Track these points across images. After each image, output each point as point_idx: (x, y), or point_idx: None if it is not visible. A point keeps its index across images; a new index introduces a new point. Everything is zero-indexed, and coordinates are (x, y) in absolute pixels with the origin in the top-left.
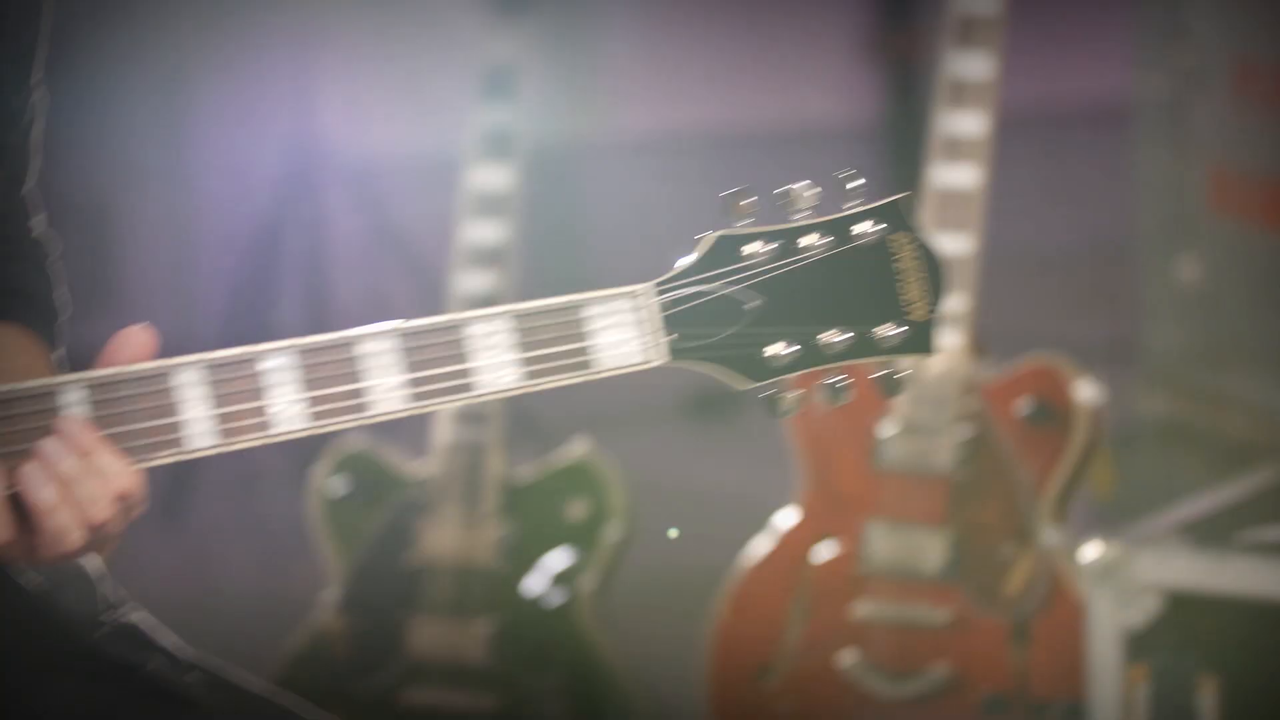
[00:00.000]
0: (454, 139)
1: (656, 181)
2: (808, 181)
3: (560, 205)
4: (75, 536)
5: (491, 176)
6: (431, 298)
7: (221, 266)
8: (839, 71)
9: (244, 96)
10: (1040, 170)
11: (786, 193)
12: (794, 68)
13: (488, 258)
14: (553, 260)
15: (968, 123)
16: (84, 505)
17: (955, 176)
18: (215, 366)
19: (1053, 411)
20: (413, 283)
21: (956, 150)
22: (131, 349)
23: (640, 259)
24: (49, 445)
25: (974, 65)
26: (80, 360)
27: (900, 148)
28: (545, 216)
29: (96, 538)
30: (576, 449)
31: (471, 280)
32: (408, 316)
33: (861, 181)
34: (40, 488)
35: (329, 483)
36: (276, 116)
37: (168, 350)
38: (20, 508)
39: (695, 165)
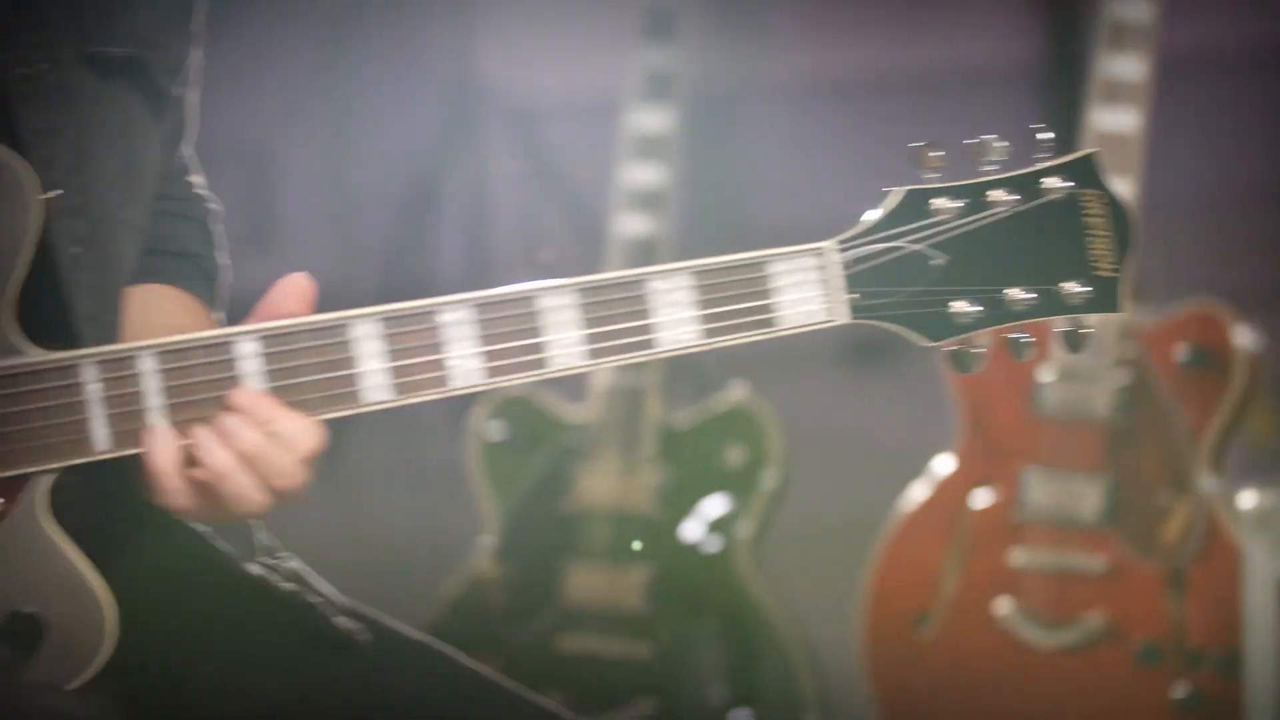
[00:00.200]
0: (615, 81)
1: (816, 126)
2: (996, 135)
3: (720, 149)
4: (257, 501)
5: (652, 119)
6: (591, 241)
7: (380, 212)
8: (999, 14)
9: (404, 40)
10: (1200, 114)
11: (979, 143)
12: (954, 10)
13: (647, 201)
14: (713, 205)
15: (1128, 66)
16: (271, 476)
17: (1115, 120)
18: (392, 319)
19: (1211, 357)
20: (572, 226)
21: (1116, 94)
22: (293, 297)
23: (799, 204)
24: (229, 422)
25: (1134, 8)
26: (239, 305)
27: (1060, 91)
28: (705, 160)
29: (281, 500)
30: (735, 394)
31: (631, 223)
32: (566, 260)
33: (1051, 135)
34: (213, 452)
35: (487, 428)
36: (437, 60)
37: (325, 298)
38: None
39: (854, 109)
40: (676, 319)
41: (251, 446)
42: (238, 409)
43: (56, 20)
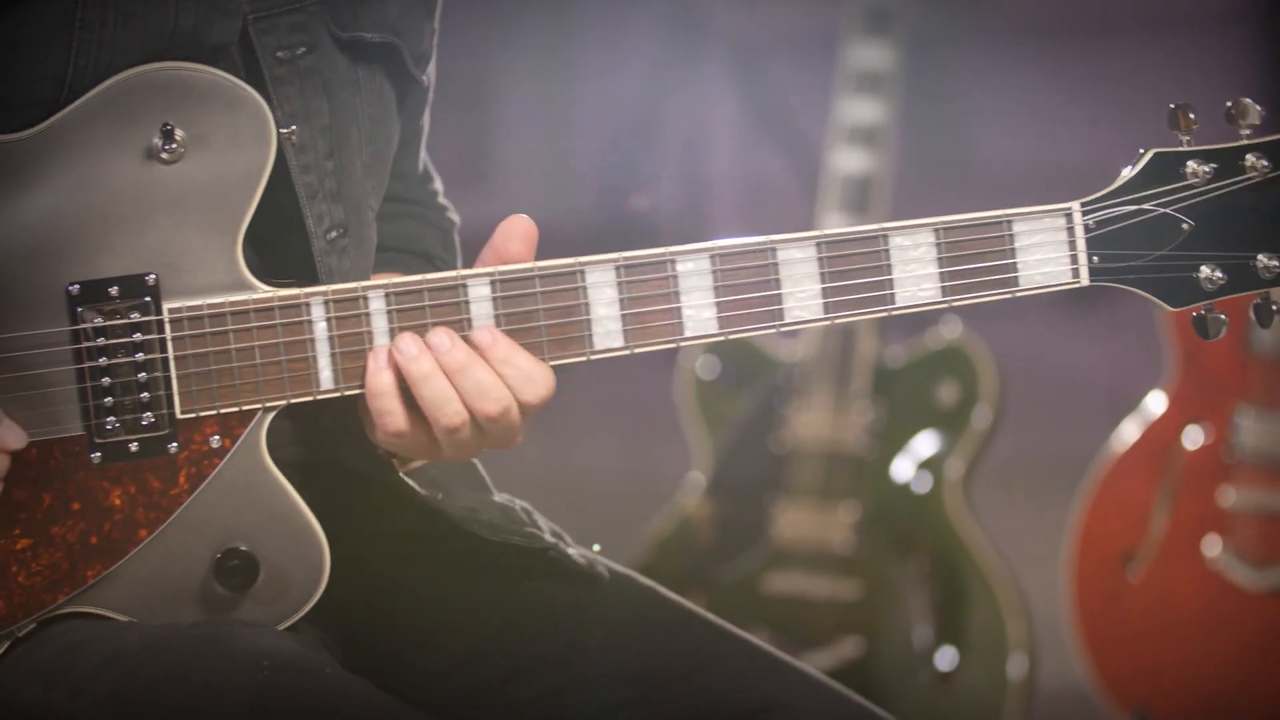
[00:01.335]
0: (834, 15)
1: (1032, 67)
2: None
3: (940, 86)
4: (454, 410)
5: (871, 54)
6: (808, 177)
7: (597, 149)
8: None
9: None
10: None
11: (1238, 106)
12: None
13: (866, 137)
14: (931, 143)
15: None
16: (472, 398)
17: None
18: (629, 266)
19: None
20: (789, 162)
21: None
22: (517, 238)
23: (1017, 144)
24: (436, 337)
25: None
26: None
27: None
28: (924, 98)
29: (494, 430)
30: (949, 332)
31: (848, 159)
32: (781, 197)
33: None
34: (413, 359)
35: (700, 365)
36: None
37: (540, 237)
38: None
39: (1072, 50)
40: (916, 275)
41: (478, 383)
42: (477, 346)
43: (310, 4)
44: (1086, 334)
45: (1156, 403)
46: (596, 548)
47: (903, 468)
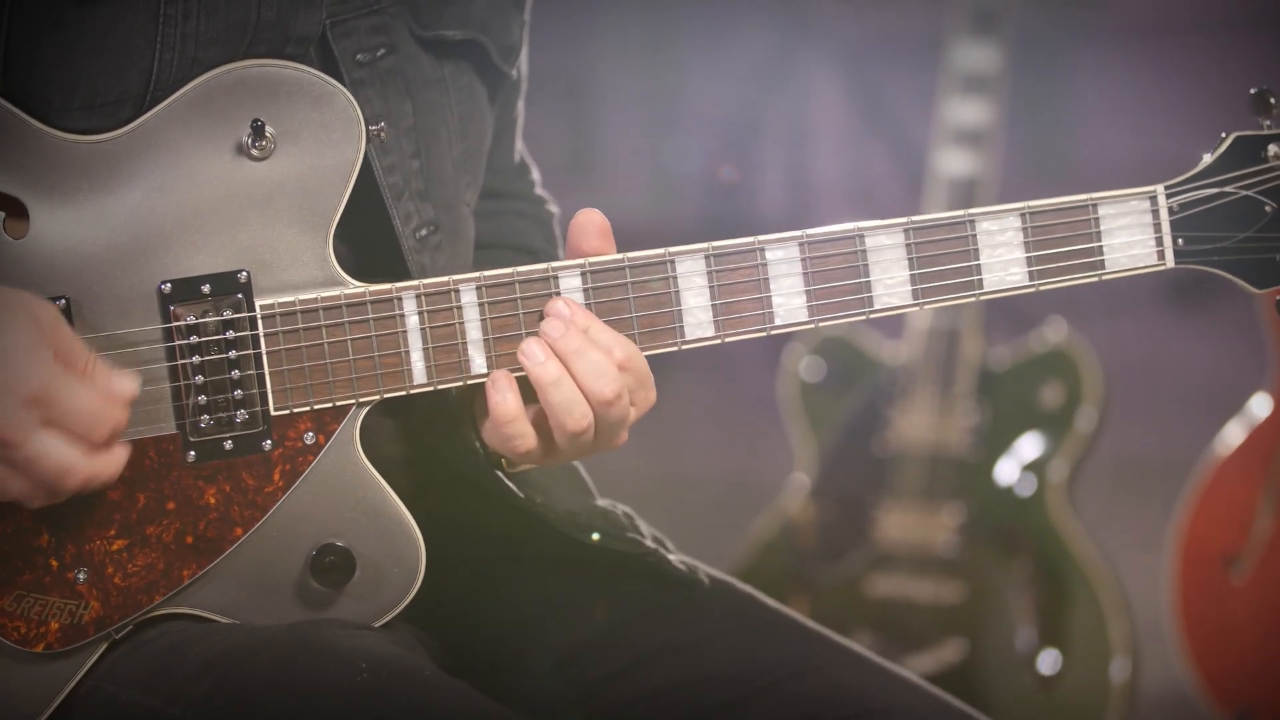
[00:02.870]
0: (938, 16)
1: (1144, 64)
2: None
3: (1048, 87)
4: (580, 413)
5: (976, 55)
6: (912, 179)
7: (701, 144)
8: None
9: None
10: None
11: None
12: None
13: (972, 139)
14: (1039, 145)
15: None
16: (589, 379)
17: None
18: (718, 255)
19: None
20: (893, 164)
21: None
22: (592, 234)
23: (1127, 145)
24: (549, 325)
25: None
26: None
27: None
28: (1032, 99)
29: (605, 422)
30: (1054, 333)
31: (954, 161)
32: (890, 194)
33: None
34: (540, 364)
35: (803, 367)
36: None
37: (643, 232)
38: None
39: (1184, 48)
40: (1004, 260)
41: (570, 346)
42: (555, 315)
43: (390, 5)
44: (1191, 336)
45: (1261, 405)
46: (595, 537)
47: (1006, 470)
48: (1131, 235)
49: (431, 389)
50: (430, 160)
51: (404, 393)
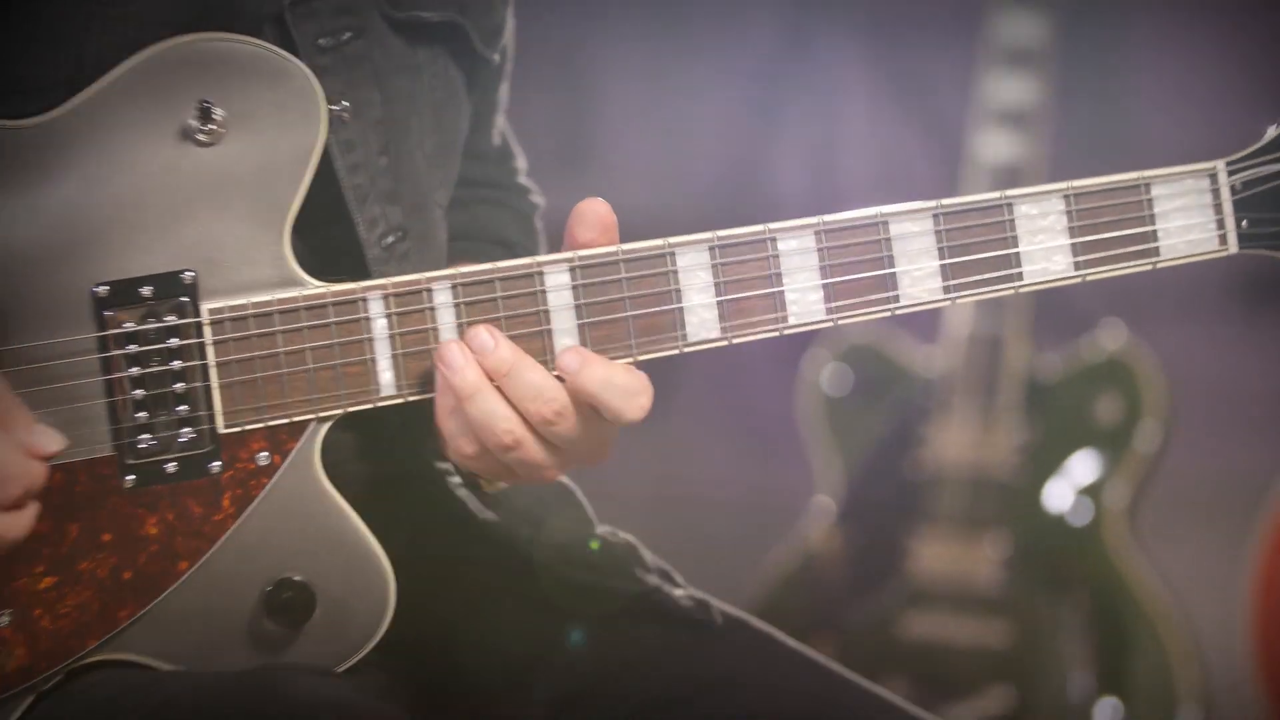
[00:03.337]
0: None
1: (1202, 37)
2: None
3: (1100, 63)
4: (505, 428)
5: (1021, 25)
6: (949, 163)
7: (712, 131)
8: None
9: None
10: None
11: None
12: None
13: (1014, 119)
14: (1090, 127)
15: None
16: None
17: None
18: (724, 247)
19: None
20: (927, 147)
21: None
22: (590, 225)
23: (1189, 126)
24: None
25: None
26: (552, 234)
27: None
28: (1083, 76)
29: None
30: (1111, 340)
31: (995, 145)
32: (921, 183)
33: None
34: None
35: (828, 377)
36: None
37: (649, 227)
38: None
39: (1246, 19)
40: (1046, 248)
41: (530, 385)
42: (565, 371)
43: None
44: (1268, 340)
45: None
46: (594, 545)
47: (1058, 495)
48: (1189, 217)
49: (401, 401)
50: (399, 157)
51: (370, 406)
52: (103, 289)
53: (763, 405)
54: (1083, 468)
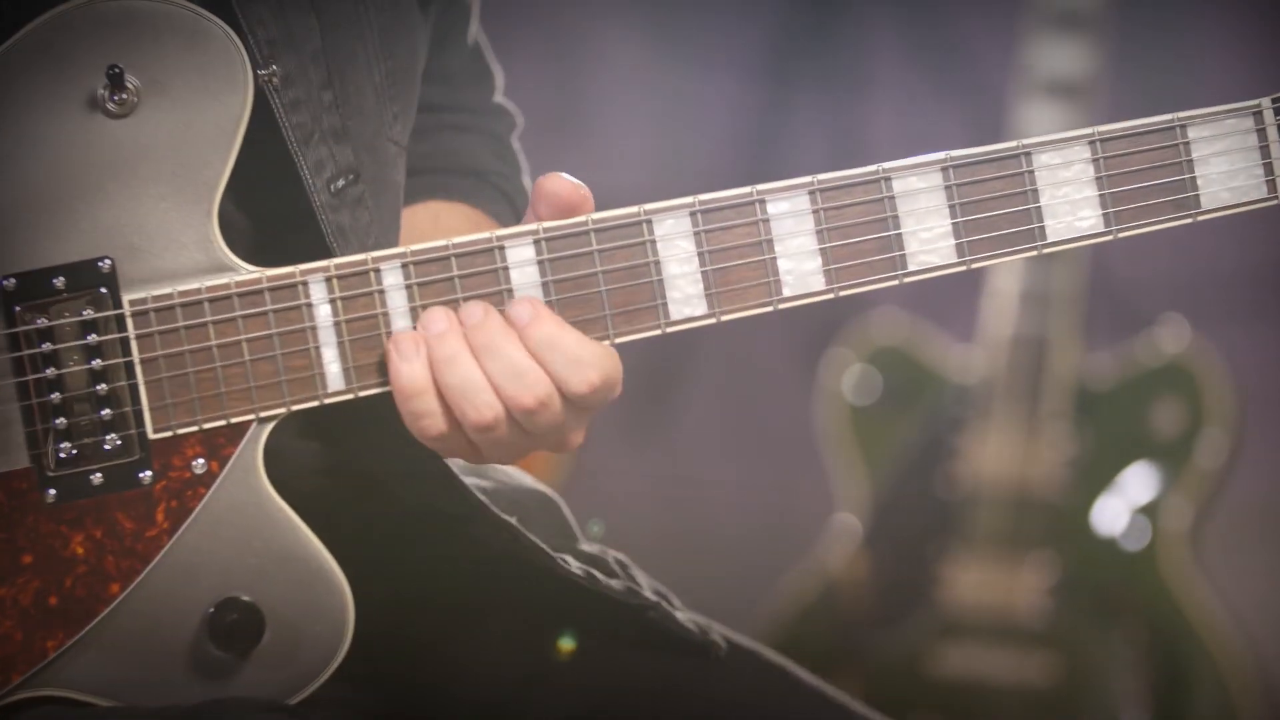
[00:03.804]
0: None
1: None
2: None
3: (1158, 23)
4: (485, 401)
5: None
6: (989, 141)
7: (714, 104)
8: None
9: None
10: None
11: None
12: None
13: (1064, 89)
14: (1146, 96)
15: None
16: (523, 398)
17: None
18: (707, 212)
19: None
20: (964, 112)
21: None
22: (545, 204)
23: (1249, 83)
24: (490, 333)
25: None
26: None
27: None
28: (1139, 39)
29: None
30: (1171, 339)
31: (1042, 117)
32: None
33: None
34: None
35: (851, 383)
36: None
37: (643, 195)
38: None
39: None
40: (1071, 201)
41: (512, 365)
42: (515, 323)
43: None
44: None
45: None
46: (595, 529)
47: (1110, 515)
48: (1232, 162)
49: (352, 396)
50: (346, 90)
51: (316, 403)
52: (9, 282)
53: (778, 414)
54: (1138, 484)
